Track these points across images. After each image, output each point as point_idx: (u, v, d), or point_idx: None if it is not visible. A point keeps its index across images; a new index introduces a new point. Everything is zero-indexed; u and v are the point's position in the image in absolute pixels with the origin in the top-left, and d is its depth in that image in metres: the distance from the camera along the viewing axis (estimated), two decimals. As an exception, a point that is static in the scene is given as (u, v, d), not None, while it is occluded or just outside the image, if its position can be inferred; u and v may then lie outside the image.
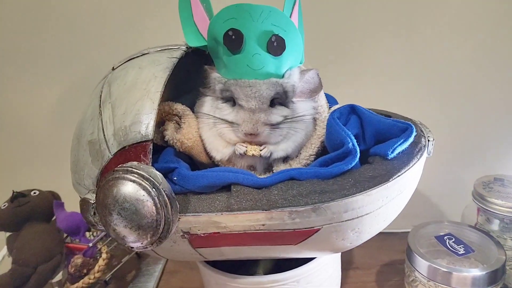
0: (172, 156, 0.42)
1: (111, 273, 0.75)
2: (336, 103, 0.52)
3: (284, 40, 0.40)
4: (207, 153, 0.45)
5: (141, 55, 0.44)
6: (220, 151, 0.43)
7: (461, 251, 0.55)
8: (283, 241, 0.38)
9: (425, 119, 0.49)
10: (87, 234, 0.80)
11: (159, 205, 0.35)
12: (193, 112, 0.46)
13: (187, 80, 0.52)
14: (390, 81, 0.75)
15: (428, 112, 0.72)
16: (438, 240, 0.58)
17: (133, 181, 0.34)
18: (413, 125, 0.41)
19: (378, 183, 0.36)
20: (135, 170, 0.35)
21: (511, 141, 0.75)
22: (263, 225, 0.37)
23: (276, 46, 0.40)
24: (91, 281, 0.72)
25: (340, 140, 0.38)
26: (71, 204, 0.74)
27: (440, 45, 0.72)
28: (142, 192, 0.34)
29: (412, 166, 0.39)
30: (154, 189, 0.35)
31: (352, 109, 0.41)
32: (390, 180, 0.37)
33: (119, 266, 0.78)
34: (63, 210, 0.76)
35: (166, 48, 0.44)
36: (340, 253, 0.56)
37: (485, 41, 0.70)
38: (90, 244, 0.73)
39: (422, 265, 0.55)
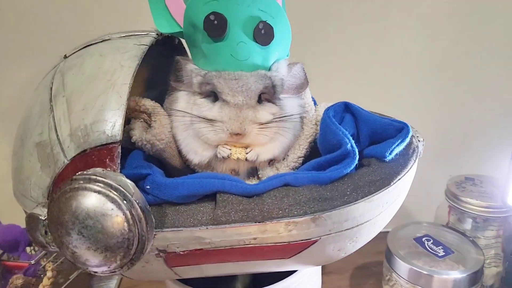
0: (142, 161, 0.35)
1: (57, 292, 0.66)
2: (315, 102, 0.48)
3: (272, 28, 0.36)
4: (182, 156, 0.39)
5: (101, 41, 0.38)
6: (198, 153, 0.38)
7: (441, 253, 0.54)
8: (274, 255, 0.34)
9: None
10: (28, 249, 0.70)
11: (131, 221, 0.28)
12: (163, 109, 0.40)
13: (154, 73, 0.45)
14: (359, 78, 0.73)
15: (397, 113, 0.71)
16: (417, 242, 0.56)
17: (98, 192, 0.28)
18: (409, 125, 0.38)
19: (380, 188, 0.33)
20: (100, 179, 0.28)
21: (480, 141, 0.77)
22: (255, 238, 0.32)
23: (264, 34, 0.35)
24: (34, 303, 0.62)
25: (337, 141, 0.34)
26: (9, 215, 0.64)
27: (414, 44, 0.71)
28: (110, 206, 0.28)
29: (410, 168, 0.36)
30: (125, 201, 0.28)
31: (346, 107, 0.38)
32: (391, 184, 0.33)
33: (66, 284, 0.69)
34: (-2, 223, 0.66)
35: (132, 34, 0.38)
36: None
37: (459, 41, 0.71)
38: (32, 262, 0.63)
39: (402, 268, 0.53)
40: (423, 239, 0.57)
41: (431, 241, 0.56)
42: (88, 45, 0.38)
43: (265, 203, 0.32)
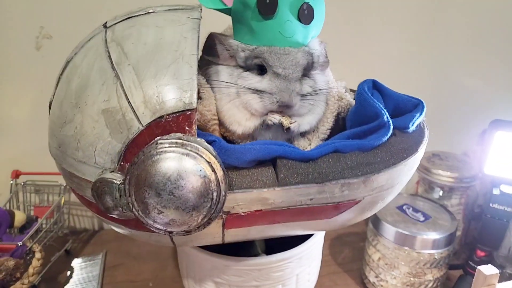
0: (198, 130, 0.37)
1: (39, 275, 0.63)
2: None
3: (313, 9, 0.39)
4: (224, 127, 0.41)
5: (145, 14, 0.38)
6: (242, 124, 0.40)
7: (421, 218, 0.62)
8: (321, 215, 0.38)
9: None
10: (7, 231, 0.67)
11: (215, 181, 0.30)
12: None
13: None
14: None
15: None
16: (399, 210, 0.64)
17: (187, 155, 0.30)
18: (423, 101, 0.44)
19: (410, 154, 0.38)
20: (187, 142, 0.30)
21: (444, 121, 0.87)
22: (311, 199, 0.35)
23: (306, 14, 0.39)
24: (24, 286, 0.60)
25: (375, 113, 0.39)
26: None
27: (389, 34, 0.78)
28: (199, 167, 0.30)
29: (427, 138, 0.42)
30: (210, 163, 0.30)
31: (374, 84, 0.43)
32: (418, 150, 0.39)
33: (48, 267, 0.67)
34: (-23, 205, 0.62)
35: (177, 7, 0.39)
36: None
37: (430, 30, 0.79)
38: (20, 243, 0.60)
39: (389, 231, 0.60)
40: (404, 207, 0.65)
41: (411, 208, 0.64)
42: (133, 16, 0.38)
43: (321, 167, 0.35)
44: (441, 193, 0.70)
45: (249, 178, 0.34)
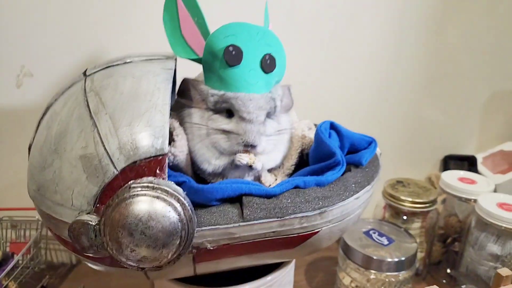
0: (170, 171, 0.40)
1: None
2: None
3: (275, 59, 0.44)
4: (195, 166, 0.45)
5: (124, 63, 0.42)
6: (212, 163, 0.44)
7: (386, 242, 0.66)
8: (285, 245, 0.41)
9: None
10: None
11: (184, 220, 0.34)
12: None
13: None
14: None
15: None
16: (366, 235, 0.68)
17: (157, 197, 0.33)
18: (375, 139, 0.49)
19: (363, 187, 0.43)
20: (158, 186, 0.33)
21: (405, 149, 0.93)
22: (274, 232, 0.39)
23: (269, 64, 0.43)
24: (-1, 324, 0.60)
25: (330, 152, 0.43)
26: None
27: (355, 73, 0.84)
28: (169, 208, 0.33)
29: (379, 172, 0.46)
30: (179, 204, 0.33)
31: (331, 125, 0.47)
32: (371, 183, 0.44)
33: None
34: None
35: (153, 58, 0.43)
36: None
37: (389, 48, 0.85)
38: (-5, 280, 0.61)
39: (357, 256, 0.64)
40: (370, 232, 0.69)
41: (377, 233, 0.68)
42: (112, 66, 0.41)
43: (282, 202, 0.39)
44: (404, 217, 0.75)
45: (217, 215, 0.38)
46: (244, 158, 0.42)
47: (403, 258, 0.63)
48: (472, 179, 0.78)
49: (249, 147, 0.42)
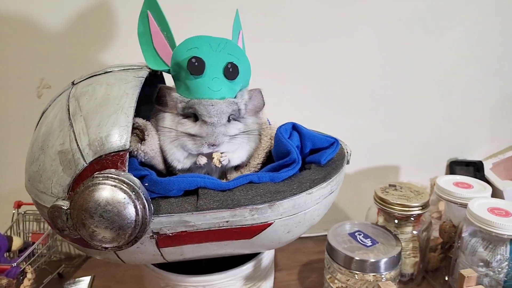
0: (138, 165, 0.46)
1: (32, 295, 0.72)
2: (269, 122, 0.61)
3: (238, 67, 0.48)
4: (167, 163, 0.50)
5: (104, 73, 0.48)
6: (181, 161, 0.49)
7: (369, 243, 0.68)
8: (241, 235, 0.45)
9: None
10: (5, 254, 0.76)
11: (138, 207, 0.39)
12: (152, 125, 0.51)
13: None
14: (302, 98, 0.87)
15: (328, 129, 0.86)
16: (351, 236, 0.70)
17: (115, 186, 0.38)
18: (338, 140, 0.51)
19: (317, 184, 0.46)
20: (116, 176, 0.39)
21: (399, 154, 0.94)
22: (227, 221, 0.43)
23: (231, 71, 0.48)
24: (15, 303, 0.68)
25: (286, 151, 0.47)
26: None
27: (344, 71, 0.86)
28: (123, 195, 0.38)
29: (340, 171, 0.49)
30: (133, 193, 0.39)
31: (293, 127, 0.51)
32: (325, 181, 0.47)
33: (41, 287, 0.75)
34: (-20, 231, 0.72)
35: (130, 68, 0.49)
36: (273, 254, 0.64)
37: (387, 74, 0.87)
38: (14, 264, 0.69)
39: (340, 257, 0.66)
40: (356, 233, 0.71)
41: (362, 235, 0.70)
42: (94, 75, 0.48)
43: (235, 195, 0.43)
44: (396, 221, 0.76)
45: (175, 204, 0.43)
46: (203, 160, 0.47)
47: (384, 259, 0.64)
48: (468, 183, 0.78)
49: (212, 147, 0.47)
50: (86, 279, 0.81)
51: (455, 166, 0.95)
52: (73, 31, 0.75)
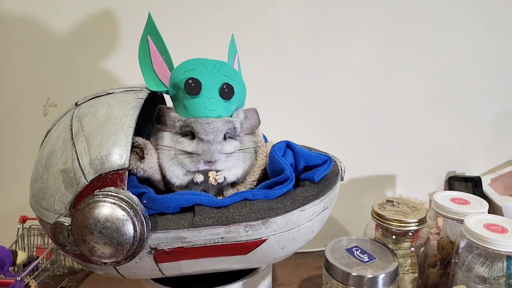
0: (137, 183, 0.47)
1: (35, 309, 0.73)
2: (266, 139, 0.63)
3: (233, 87, 0.50)
4: (165, 180, 0.52)
5: (106, 94, 0.50)
6: (180, 178, 0.50)
7: (366, 259, 0.69)
8: (236, 251, 0.46)
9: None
10: (10, 268, 0.78)
11: (136, 224, 0.40)
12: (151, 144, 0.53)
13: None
14: (297, 116, 0.89)
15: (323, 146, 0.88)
16: (348, 252, 0.71)
17: (114, 203, 0.40)
18: (331, 157, 0.53)
19: (310, 201, 0.47)
20: (115, 194, 0.40)
21: (396, 169, 0.95)
22: (222, 238, 0.44)
23: (227, 92, 0.50)
24: (18, 317, 0.69)
25: (280, 168, 0.49)
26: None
27: (338, 86, 0.88)
28: (122, 213, 0.40)
29: (334, 188, 0.51)
30: (132, 210, 0.40)
31: (287, 145, 0.53)
32: (319, 198, 0.48)
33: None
34: (-14, 245, 0.74)
35: (130, 89, 0.51)
36: (271, 269, 0.65)
37: (391, 66, 0.88)
38: (18, 278, 0.71)
39: (337, 272, 0.67)
40: (353, 249, 0.71)
41: (359, 250, 0.71)
42: (97, 97, 0.50)
43: (229, 212, 0.45)
44: (393, 237, 0.76)
45: (171, 221, 0.44)
46: (199, 177, 0.49)
47: (381, 275, 0.65)
48: (465, 199, 0.79)
49: (208, 164, 0.49)
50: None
51: (453, 182, 0.95)
52: (78, 51, 0.78)
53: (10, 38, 0.76)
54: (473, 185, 0.93)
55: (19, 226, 0.85)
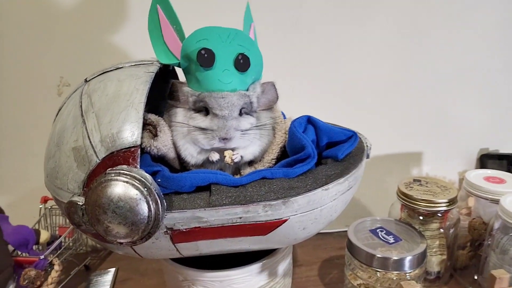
0: (151, 161, 0.46)
1: (60, 286, 0.74)
2: (284, 115, 0.60)
3: (249, 58, 0.47)
4: (180, 159, 0.49)
5: (115, 69, 0.48)
6: (194, 156, 0.48)
7: (391, 240, 0.65)
8: (255, 232, 0.44)
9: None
10: (34, 247, 0.79)
11: (150, 203, 0.39)
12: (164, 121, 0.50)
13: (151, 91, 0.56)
14: (318, 91, 0.85)
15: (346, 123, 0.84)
16: (372, 233, 0.68)
17: (126, 182, 0.38)
18: (356, 133, 0.49)
19: (333, 180, 0.44)
20: (127, 172, 0.39)
21: (423, 147, 0.90)
22: (240, 218, 0.42)
23: (242, 63, 0.46)
24: (43, 293, 0.70)
25: (301, 145, 0.46)
26: (17, 218, 0.73)
27: (363, 60, 0.84)
28: (135, 191, 0.38)
29: (359, 166, 0.47)
30: (145, 189, 0.39)
31: (308, 120, 0.49)
32: (343, 177, 0.45)
33: (68, 279, 0.78)
34: (9, 224, 0.74)
35: (141, 63, 0.48)
36: (291, 250, 0.63)
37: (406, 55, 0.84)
38: (42, 256, 0.71)
39: (361, 253, 0.64)
40: (377, 230, 0.68)
41: (384, 231, 0.68)
42: (106, 72, 0.48)
43: (247, 191, 0.42)
44: (421, 218, 0.73)
45: (187, 200, 0.42)
46: (215, 155, 0.47)
47: (408, 257, 0.62)
48: (500, 178, 0.74)
49: (223, 141, 0.46)
50: (111, 271, 0.83)
51: (486, 160, 0.90)
52: (88, 27, 0.76)
53: (22, 17, 0.74)
54: (508, 162, 0.88)
55: (40, 206, 0.85)
